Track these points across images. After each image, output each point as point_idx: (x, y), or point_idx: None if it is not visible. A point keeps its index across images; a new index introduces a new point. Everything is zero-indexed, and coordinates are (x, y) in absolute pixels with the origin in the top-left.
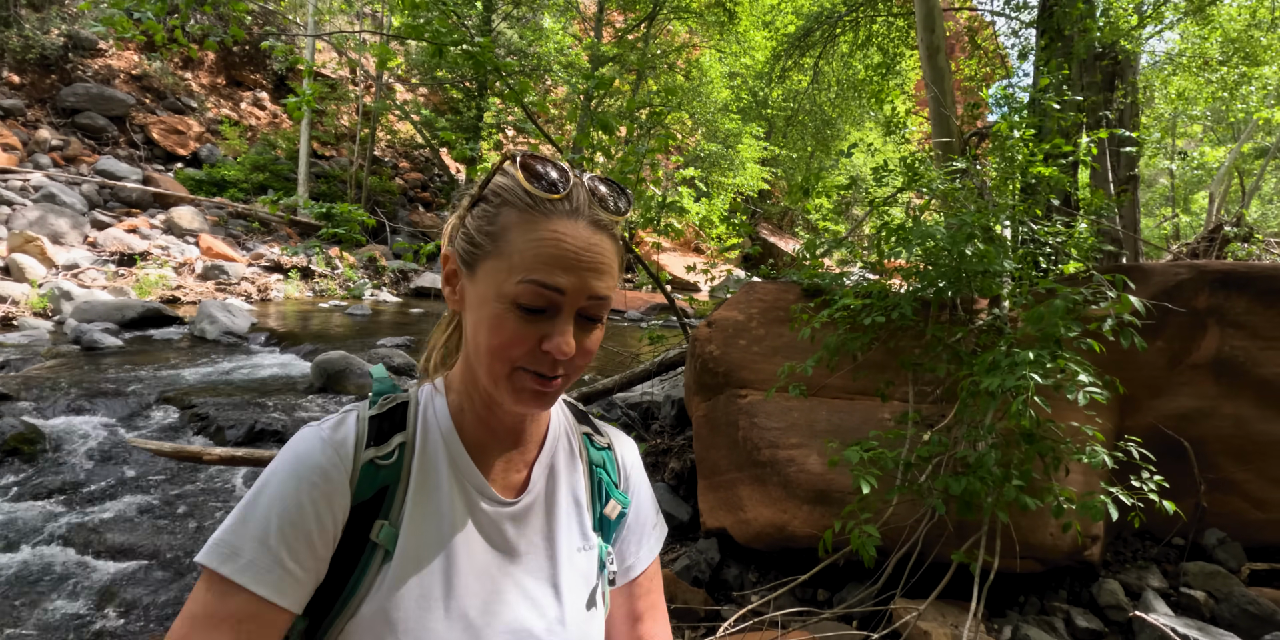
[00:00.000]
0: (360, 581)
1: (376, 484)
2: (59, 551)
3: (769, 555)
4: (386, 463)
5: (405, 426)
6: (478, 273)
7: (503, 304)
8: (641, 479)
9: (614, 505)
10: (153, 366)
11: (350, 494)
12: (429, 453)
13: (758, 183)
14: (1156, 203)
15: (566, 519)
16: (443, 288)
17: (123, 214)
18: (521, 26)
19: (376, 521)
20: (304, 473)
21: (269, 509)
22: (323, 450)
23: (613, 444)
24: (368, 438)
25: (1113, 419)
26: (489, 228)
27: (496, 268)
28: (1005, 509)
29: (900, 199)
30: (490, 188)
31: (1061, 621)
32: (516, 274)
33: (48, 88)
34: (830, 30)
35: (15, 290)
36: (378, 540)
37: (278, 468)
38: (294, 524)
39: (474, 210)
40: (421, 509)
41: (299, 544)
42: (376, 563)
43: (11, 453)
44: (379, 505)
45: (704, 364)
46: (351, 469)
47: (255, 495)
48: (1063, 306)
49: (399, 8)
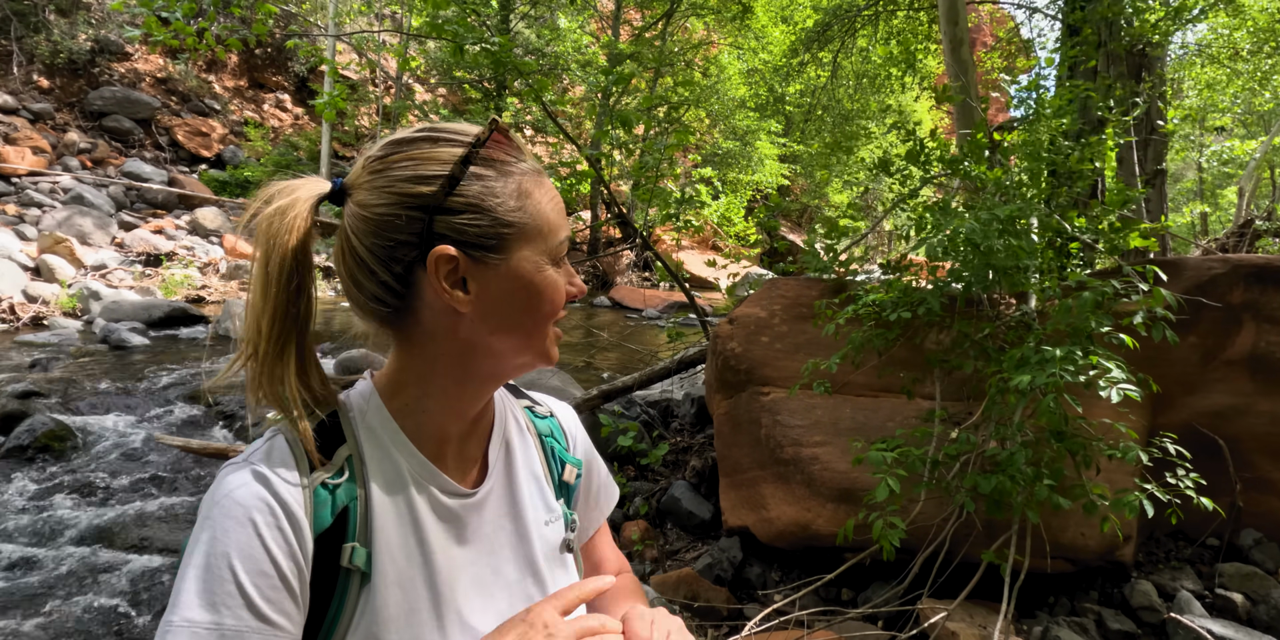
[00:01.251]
0: (340, 611)
1: (335, 507)
2: (89, 546)
3: (792, 554)
4: (338, 481)
5: (345, 438)
6: (509, 250)
7: (549, 268)
8: (585, 440)
9: (570, 469)
10: (179, 365)
11: (310, 524)
12: (380, 459)
13: (777, 179)
14: (1184, 197)
15: (529, 495)
16: (441, 297)
17: (149, 215)
18: (539, 26)
19: (345, 545)
20: (252, 513)
21: (225, 563)
22: (266, 481)
23: (553, 411)
24: (307, 459)
25: (1145, 416)
26: (510, 201)
27: (532, 237)
28: (1036, 508)
29: (922, 195)
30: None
31: (1093, 623)
32: (551, 236)
33: (76, 91)
34: (849, 24)
35: (46, 290)
36: (350, 565)
37: (218, 515)
38: (260, 573)
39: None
40: (389, 521)
41: (275, 593)
42: (355, 588)
43: (43, 449)
44: (343, 528)
45: (726, 361)
46: (303, 498)
47: (205, 554)
48: (1092, 299)
49: (419, 8)
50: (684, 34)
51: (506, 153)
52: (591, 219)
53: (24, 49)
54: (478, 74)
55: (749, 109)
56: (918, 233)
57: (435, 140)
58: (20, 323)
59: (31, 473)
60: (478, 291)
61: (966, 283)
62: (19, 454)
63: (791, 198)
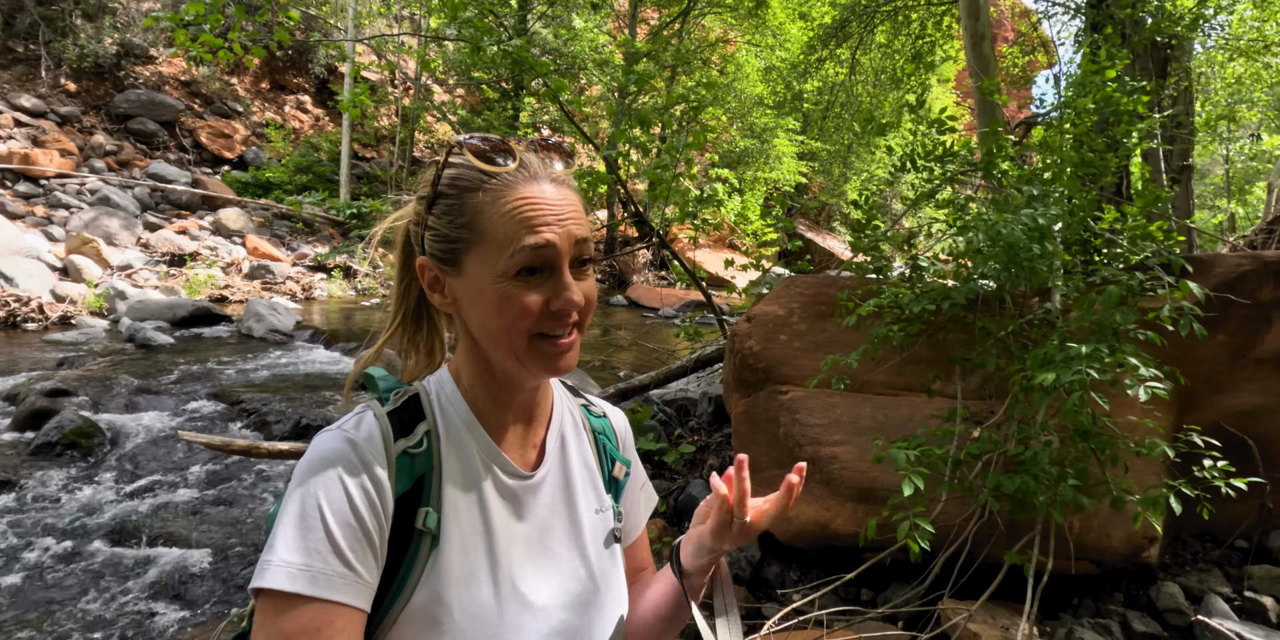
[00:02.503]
0: (411, 570)
1: (414, 473)
2: (115, 540)
3: (811, 554)
4: (418, 451)
5: (425, 415)
6: (465, 265)
7: (503, 281)
8: (632, 444)
9: (619, 466)
10: (203, 363)
11: (392, 487)
12: (453, 437)
13: (794, 177)
14: (1211, 194)
15: (582, 484)
16: (430, 297)
17: (173, 216)
18: (556, 26)
19: (420, 509)
20: (344, 471)
21: (318, 515)
22: (353, 449)
23: (606, 412)
24: (393, 431)
25: (1172, 415)
26: (461, 219)
27: (484, 252)
28: (1060, 508)
29: (942, 192)
30: (443, 184)
31: (1118, 625)
32: (506, 249)
33: (102, 95)
34: (868, 20)
35: (73, 290)
36: (423, 528)
37: (312, 473)
38: (348, 524)
39: (433, 211)
40: (457, 491)
41: (359, 544)
42: (425, 549)
43: (71, 446)
44: (419, 493)
45: (744, 360)
46: (387, 463)
47: (299, 506)
48: (1117, 293)
49: (437, 9)
50: (701, 32)
51: (468, 171)
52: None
53: (52, 53)
54: (495, 74)
55: (766, 106)
56: (944, 230)
57: (433, 164)
58: (49, 322)
59: (60, 468)
60: (452, 297)
61: (997, 280)
62: (48, 450)
63: (810, 195)
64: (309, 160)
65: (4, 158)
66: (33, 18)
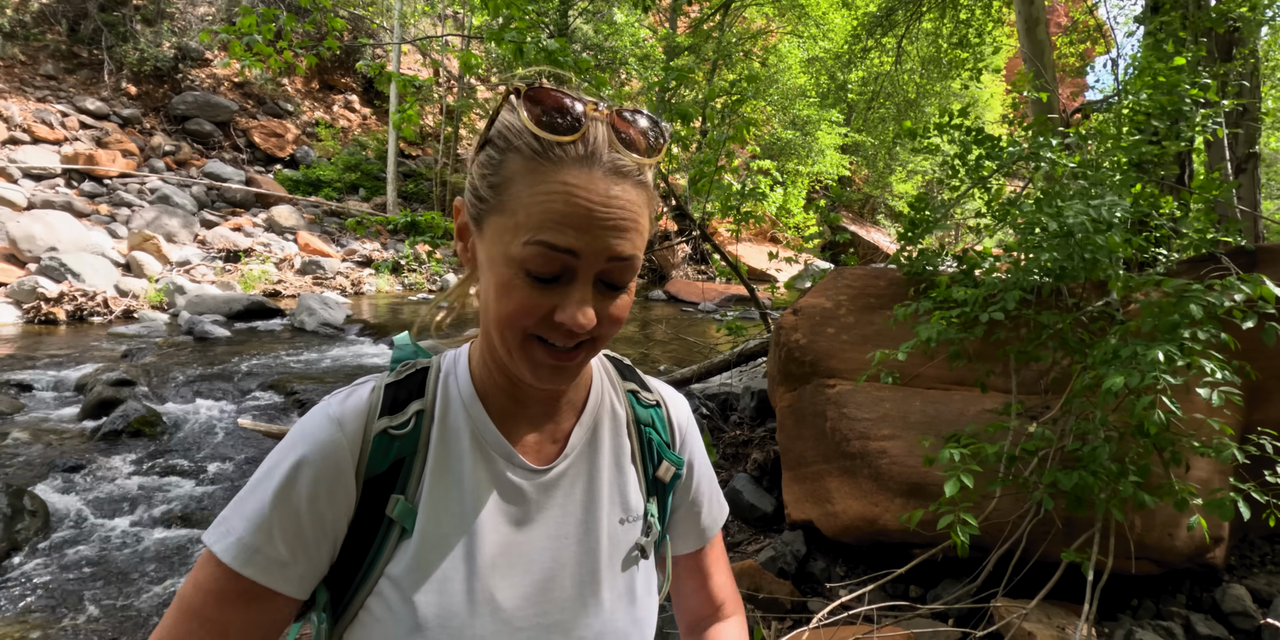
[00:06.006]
0: (378, 557)
1: (391, 456)
2: (175, 523)
3: (857, 549)
4: (401, 433)
5: (424, 394)
6: (485, 229)
7: (511, 268)
8: (696, 439)
9: (666, 467)
10: (258, 355)
11: (357, 470)
12: (450, 421)
13: (838, 170)
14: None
15: (609, 488)
16: (455, 243)
17: (228, 213)
18: (597, 21)
19: (392, 496)
20: (304, 454)
21: (266, 490)
22: (325, 427)
23: (662, 400)
24: (381, 407)
25: (1241, 412)
26: (493, 178)
27: (502, 226)
28: (1120, 506)
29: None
30: (495, 129)
31: (1180, 627)
32: (522, 234)
33: (161, 97)
34: (915, 7)
35: (135, 285)
36: (393, 516)
37: (281, 447)
38: (286, 510)
39: (479, 156)
40: (441, 483)
41: (288, 532)
42: (394, 539)
43: (135, 434)
44: (394, 478)
45: (789, 353)
46: (360, 442)
47: (261, 473)
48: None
49: (480, 8)
50: (742, 24)
51: (524, 129)
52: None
53: (114, 58)
54: (537, 71)
55: (809, 97)
56: (999, 223)
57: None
58: (113, 315)
59: (124, 455)
60: (472, 250)
61: (1055, 273)
62: (113, 437)
63: (854, 188)
64: (357, 158)
65: (70, 159)
66: (96, 24)
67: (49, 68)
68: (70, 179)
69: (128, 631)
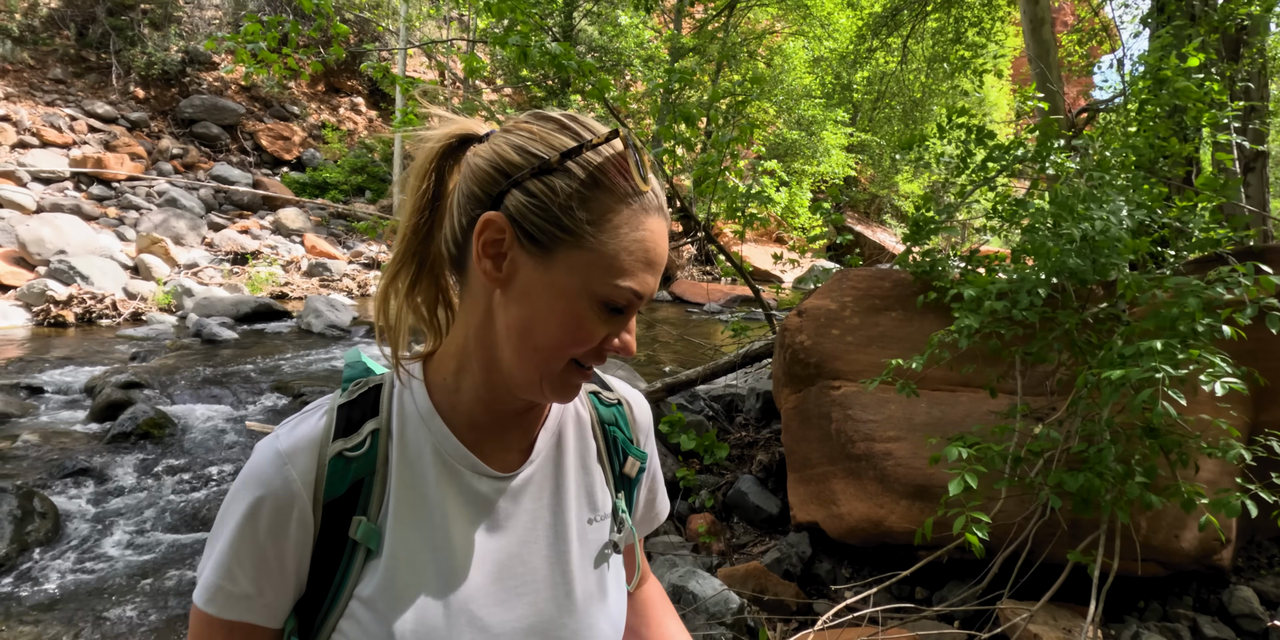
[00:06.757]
0: (345, 580)
1: (349, 478)
2: (184, 526)
3: (863, 551)
4: (356, 454)
5: (379, 412)
6: (555, 260)
7: (585, 301)
8: (652, 438)
9: (632, 462)
10: (265, 357)
11: (315, 498)
12: (409, 437)
13: (843, 170)
14: None
15: (575, 489)
16: (477, 260)
17: (235, 216)
18: (602, 23)
19: (354, 518)
20: (259, 495)
21: (227, 532)
22: (273, 464)
23: (623, 398)
24: (335, 429)
25: (1248, 412)
26: (585, 215)
27: (585, 261)
28: (1126, 507)
29: (1000, 181)
30: (580, 162)
31: (1187, 629)
32: (615, 276)
33: (169, 100)
34: (920, 7)
35: (144, 288)
36: (356, 538)
37: (236, 488)
38: (247, 548)
39: (551, 180)
40: (406, 499)
41: (254, 567)
42: (360, 560)
43: (144, 436)
44: (354, 500)
45: (794, 354)
46: (315, 470)
47: (220, 517)
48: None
49: (483, 12)
50: (747, 24)
51: (619, 172)
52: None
53: (122, 61)
54: (542, 73)
55: (814, 97)
56: (1006, 224)
57: (562, 127)
58: (122, 318)
59: (134, 457)
60: (509, 273)
61: (1066, 274)
62: (123, 440)
63: (859, 188)
64: (363, 161)
65: (79, 162)
66: (104, 28)
67: (57, 72)
68: (79, 182)
69: (136, 634)
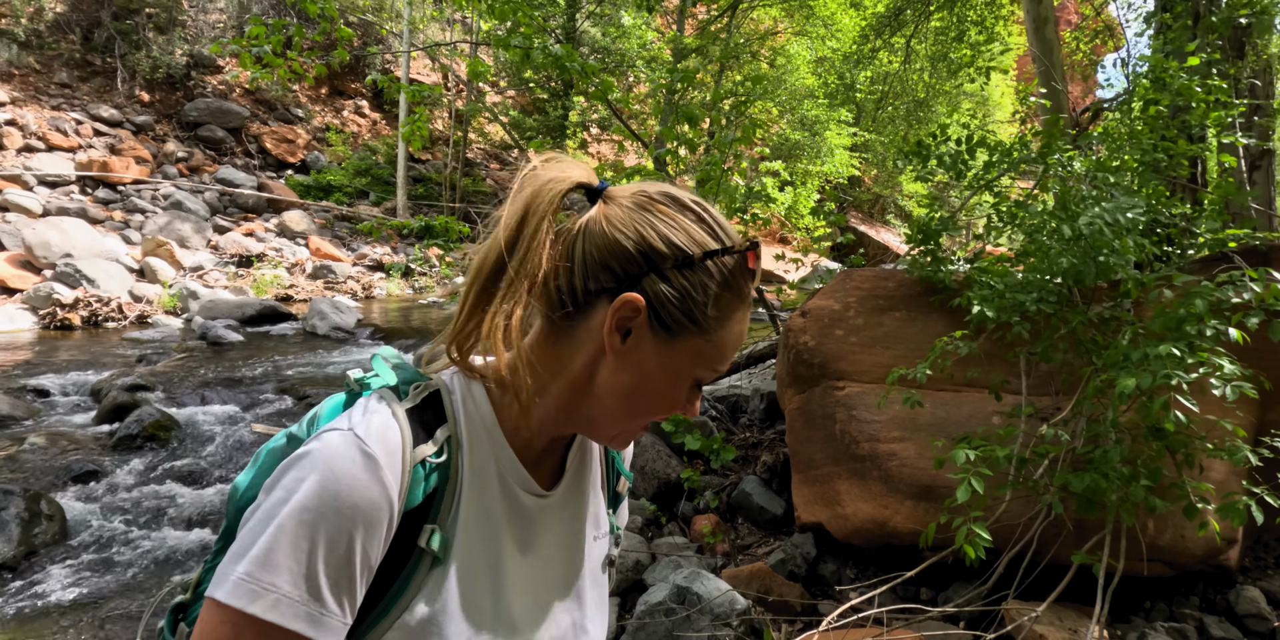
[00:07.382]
0: (405, 588)
1: (427, 487)
2: (191, 527)
3: (868, 551)
4: (437, 462)
5: (446, 418)
6: (676, 343)
7: (684, 378)
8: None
9: (623, 481)
10: (270, 360)
11: (400, 508)
12: (475, 446)
13: (847, 170)
14: None
15: (591, 507)
16: (607, 335)
17: (240, 219)
18: (605, 24)
19: (425, 526)
20: (353, 506)
21: (306, 542)
22: (366, 469)
23: None
24: (414, 435)
25: (1254, 413)
26: (711, 311)
27: (703, 350)
28: (1131, 508)
29: (1002, 182)
30: (712, 266)
31: (1194, 629)
32: (718, 362)
33: (173, 104)
34: (923, 7)
35: (149, 290)
36: (426, 547)
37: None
38: (340, 565)
39: (692, 276)
40: (473, 510)
41: (343, 583)
42: (424, 569)
43: (150, 438)
44: (428, 508)
45: (798, 355)
46: (400, 476)
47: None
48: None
49: (486, 14)
50: (750, 25)
51: (745, 279)
52: None
53: (127, 65)
54: (545, 75)
55: (817, 98)
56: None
57: (700, 220)
58: (127, 321)
59: (140, 459)
60: (632, 347)
61: (1072, 274)
62: (129, 442)
63: (863, 188)
64: (367, 163)
65: (85, 166)
66: (109, 32)
67: (63, 76)
68: (85, 186)
69: (143, 637)
